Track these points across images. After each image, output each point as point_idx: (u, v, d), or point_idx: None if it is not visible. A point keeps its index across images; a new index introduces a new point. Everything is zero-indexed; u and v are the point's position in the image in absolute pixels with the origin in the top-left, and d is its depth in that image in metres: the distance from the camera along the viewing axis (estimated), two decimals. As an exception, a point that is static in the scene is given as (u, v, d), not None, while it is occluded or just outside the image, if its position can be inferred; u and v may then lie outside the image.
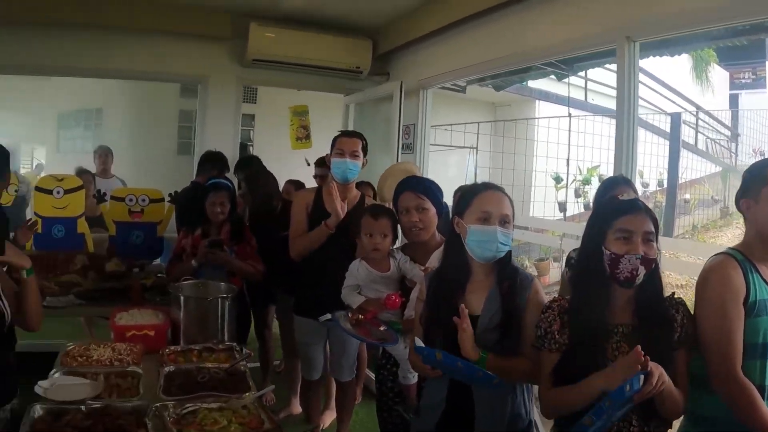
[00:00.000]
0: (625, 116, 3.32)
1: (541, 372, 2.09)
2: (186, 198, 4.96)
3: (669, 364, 1.88)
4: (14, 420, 2.26)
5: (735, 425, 2.04)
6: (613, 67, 3.94)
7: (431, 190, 3.13)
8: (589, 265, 2.05)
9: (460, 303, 2.19)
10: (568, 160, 9.97)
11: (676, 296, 2.06)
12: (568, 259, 3.23)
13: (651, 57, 5.10)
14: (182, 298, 3.19)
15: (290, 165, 6.46)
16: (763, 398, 2.02)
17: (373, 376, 4.88)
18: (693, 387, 2.08)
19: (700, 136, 12.93)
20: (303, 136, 6.51)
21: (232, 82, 6.13)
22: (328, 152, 3.73)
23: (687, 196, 11.58)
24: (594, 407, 1.80)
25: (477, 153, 10.44)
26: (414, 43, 5.50)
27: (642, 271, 1.94)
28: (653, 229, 1.99)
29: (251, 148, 9.93)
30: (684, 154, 10.97)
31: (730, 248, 2.21)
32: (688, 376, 2.01)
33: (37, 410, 2.18)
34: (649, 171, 11.34)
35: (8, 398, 2.29)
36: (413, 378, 3.08)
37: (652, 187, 11.75)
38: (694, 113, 12.83)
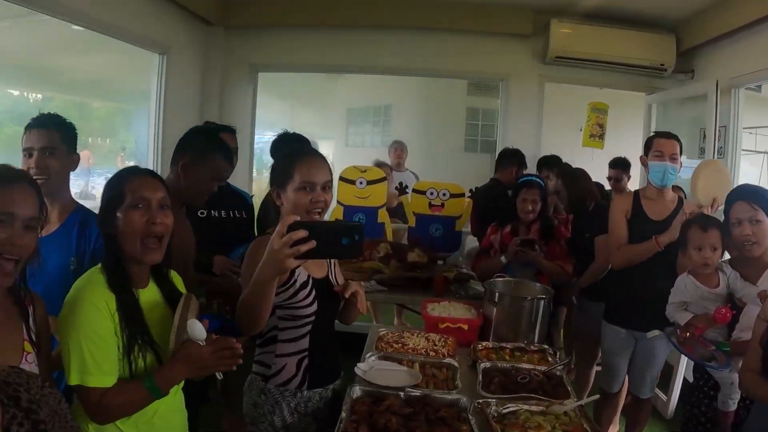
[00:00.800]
0: None
1: None
2: (486, 195, 4.92)
3: None
4: (335, 398, 2.32)
5: None
6: None
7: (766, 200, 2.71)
8: None
9: None
10: None
11: None
12: None
13: None
14: (497, 294, 3.13)
15: (576, 164, 6.19)
16: None
17: (661, 393, 4.59)
18: None
19: None
20: (597, 134, 6.23)
21: (534, 80, 6.02)
22: (642, 154, 3.47)
23: None
24: None
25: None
26: (723, 38, 4.96)
27: None
28: None
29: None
30: None
31: None
32: None
33: (357, 391, 2.21)
34: None
35: (333, 379, 2.35)
36: (733, 405, 2.75)
37: None
38: None
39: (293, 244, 1.73)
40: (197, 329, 1.76)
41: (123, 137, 6.90)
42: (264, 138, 7.40)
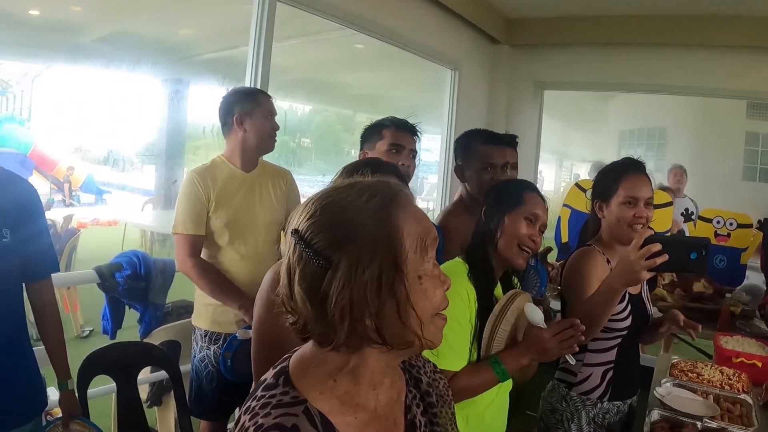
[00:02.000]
0: None
1: None
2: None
3: None
4: (629, 414, 2.45)
5: None
6: None
7: None
8: None
9: None
10: None
11: None
12: None
13: None
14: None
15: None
16: None
17: None
18: None
19: None
20: None
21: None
22: None
23: None
24: None
25: None
26: None
27: None
28: None
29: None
30: None
31: None
32: None
33: (655, 414, 2.32)
34: None
35: (633, 393, 2.45)
36: None
37: None
38: None
39: (649, 257, 1.87)
40: (536, 313, 1.88)
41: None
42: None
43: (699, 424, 2.26)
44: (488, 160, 2.73)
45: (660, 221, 4.80)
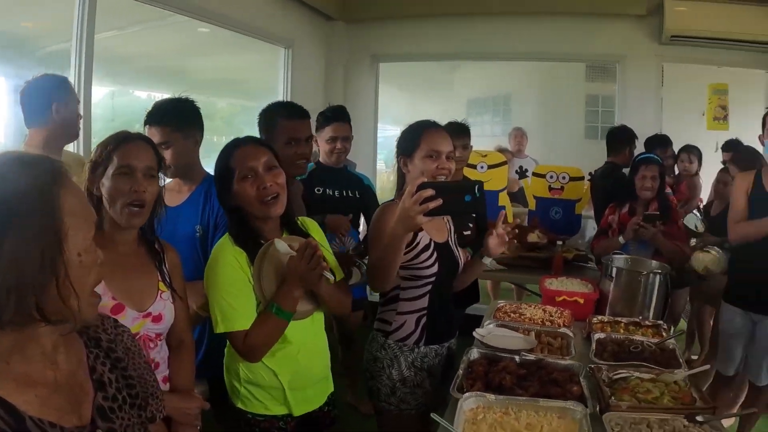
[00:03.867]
0: None
1: None
2: (604, 177, 4.91)
3: None
4: (449, 357, 2.57)
5: None
6: None
7: None
8: None
9: None
10: None
11: None
12: None
13: None
14: (614, 269, 3.19)
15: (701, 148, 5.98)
16: None
17: None
18: None
19: None
20: (720, 117, 6.04)
21: (650, 61, 5.92)
22: (760, 133, 3.38)
23: None
24: None
25: None
26: None
27: None
28: None
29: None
30: None
31: None
32: None
33: (474, 353, 2.36)
34: None
35: (449, 337, 2.57)
36: None
37: None
38: None
39: (422, 203, 1.92)
40: (282, 246, 2.01)
41: (246, 134, 7.29)
42: (387, 132, 7.64)
43: (517, 358, 2.32)
44: (292, 135, 2.77)
45: (496, 179, 4.98)
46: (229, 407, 2.18)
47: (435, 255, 2.40)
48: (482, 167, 5.07)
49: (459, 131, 3.66)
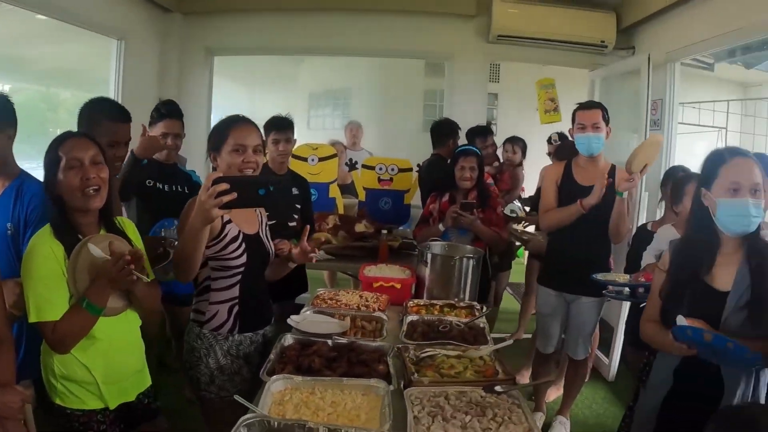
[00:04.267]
0: None
1: None
2: (430, 169, 5.06)
3: None
4: (266, 344, 2.56)
5: None
6: None
7: None
8: None
9: (707, 277, 2.12)
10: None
11: None
12: None
13: None
14: (430, 255, 3.30)
15: (535, 144, 6.37)
16: None
17: (602, 355, 4.84)
18: None
19: None
20: (551, 109, 6.40)
21: (478, 59, 6.23)
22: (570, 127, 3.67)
23: None
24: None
25: (726, 134, 9.56)
26: (660, 14, 5.16)
27: None
28: None
29: (495, 128, 9.82)
30: None
31: None
32: None
33: (288, 339, 2.40)
34: None
35: (263, 325, 2.57)
36: None
37: None
38: None
39: (217, 196, 1.92)
40: (95, 250, 2.07)
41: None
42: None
43: (330, 341, 2.36)
44: (113, 138, 2.89)
45: (326, 172, 5.05)
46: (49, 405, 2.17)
47: (243, 246, 2.42)
48: (313, 160, 5.11)
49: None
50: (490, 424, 1.83)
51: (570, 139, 3.82)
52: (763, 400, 2.09)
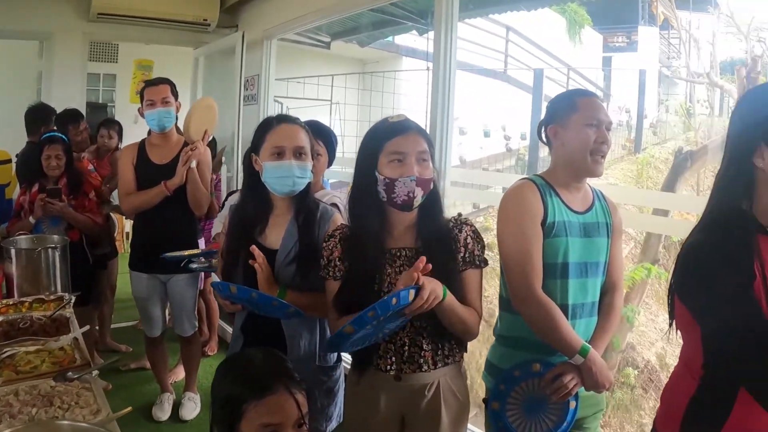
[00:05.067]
0: (441, 66, 3.53)
1: (328, 301, 2.08)
2: (25, 159, 4.79)
3: (454, 283, 1.93)
4: None
5: (539, 344, 2.09)
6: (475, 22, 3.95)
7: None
8: (364, 191, 2.03)
9: (260, 237, 2.28)
10: (426, 112, 10.20)
11: (462, 216, 2.07)
12: None
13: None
14: (13, 250, 3.16)
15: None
16: (566, 317, 2.06)
17: (227, 326, 4.96)
18: (500, 308, 2.21)
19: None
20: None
21: (78, 38, 6.00)
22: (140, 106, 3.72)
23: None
24: (356, 316, 1.72)
25: (342, 107, 10.62)
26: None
27: (419, 192, 1.93)
28: (427, 148, 1.98)
29: (113, 109, 9.65)
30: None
31: (533, 174, 2.23)
32: (480, 295, 2.03)
33: None
34: (514, 125, 11.77)
35: None
36: None
37: (516, 141, 12.11)
38: (565, 72, 13.07)
39: None
40: None
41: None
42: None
43: None
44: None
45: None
46: None
47: None
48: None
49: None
50: (57, 412, 1.88)
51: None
52: (325, 350, 2.31)
